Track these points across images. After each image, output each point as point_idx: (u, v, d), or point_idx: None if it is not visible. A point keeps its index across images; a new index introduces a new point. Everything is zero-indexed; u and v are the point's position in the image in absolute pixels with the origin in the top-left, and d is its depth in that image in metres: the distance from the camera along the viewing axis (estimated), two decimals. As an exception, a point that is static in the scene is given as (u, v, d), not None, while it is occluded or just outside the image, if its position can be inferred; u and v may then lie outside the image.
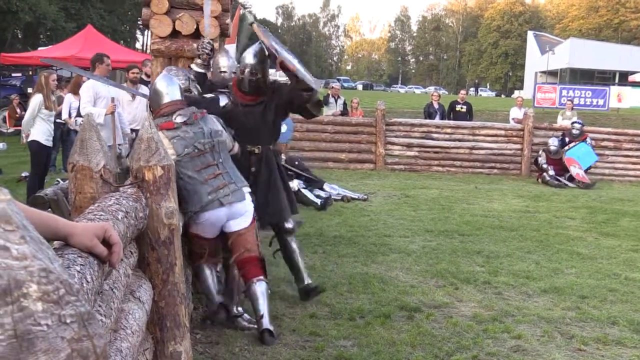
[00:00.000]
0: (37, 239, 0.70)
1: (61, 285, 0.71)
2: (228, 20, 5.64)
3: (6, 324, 0.66)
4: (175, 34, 5.38)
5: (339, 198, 10.36)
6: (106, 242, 1.64)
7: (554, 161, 14.25)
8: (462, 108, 17.01)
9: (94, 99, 8.23)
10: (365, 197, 10.80)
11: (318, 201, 9.69)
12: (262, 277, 4.76)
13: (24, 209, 1.41)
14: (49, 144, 8.96)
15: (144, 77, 11.97)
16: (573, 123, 15.09)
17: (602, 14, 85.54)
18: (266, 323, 4.62)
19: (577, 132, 14.65)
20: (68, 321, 0.71)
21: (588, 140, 14.74)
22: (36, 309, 0.68)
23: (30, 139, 8.99)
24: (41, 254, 0.70)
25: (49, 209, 3.93)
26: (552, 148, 14.38)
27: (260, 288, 4.72)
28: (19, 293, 0.68)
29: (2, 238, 0.67)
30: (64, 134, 13.29)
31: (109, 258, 1.66)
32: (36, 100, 8.94)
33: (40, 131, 8.86)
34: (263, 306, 4.66)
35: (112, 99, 8.28)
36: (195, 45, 5.43)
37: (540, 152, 14.61)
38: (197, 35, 5.44)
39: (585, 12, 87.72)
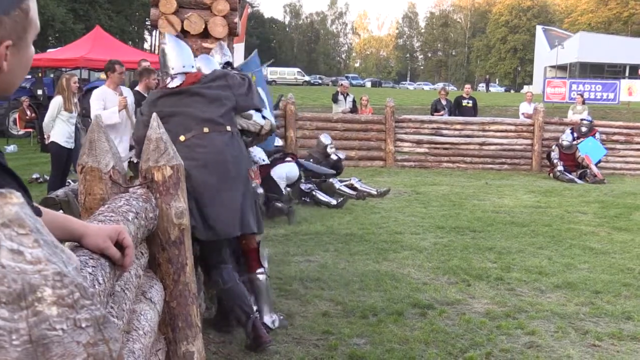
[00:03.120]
0: (51, 243, 0.70)
1: (76, 289, 0.70)
2: (236, 19, 5.63)
3: (21, 329, 0.65)
4: (183, 33, 5.37)
5: (353, 196, 10.36)
6: (119, 245, 1.64)
7: (566, 156, 14.18)
8: (468, 103, 16.96)
9: (103, 107, 8.21)
10: (382, 190, 10.86)
11: (334, 201, 9.70)
12: (263, 271, 4.77)
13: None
14: (69, 145, 8.96)
15: None
16: (582, 120, 15.02)
17: (611, 7, 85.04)
18: (266, 318, 4.65)
19: (586, 129, 14.59)
20: (83, 325, 0.70)
21: (597, 135, 14.66)
22: (51, 314, 0.68)
23: (50, 140, 9.02)
24: (55, 257, 0.69)
25: (60, 210, 3.93)
26: (565, 143, 14.31)
27: (263, 282, 4.75)
28: (34, 297, 0.67)
29: (16, 242, 0.66)
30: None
31: (122, 261, 1.65)
32: (56, 102, 8.94)
33: (60, 133, 8.87)
34: (264, 301, 4.70)
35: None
36: (204, 44, 5.43)
37: (553, 146, 14.54)
38: (205, 34, 5.44)
39: (594, 5, 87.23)
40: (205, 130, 4.29)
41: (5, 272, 0.65)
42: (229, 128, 4.41)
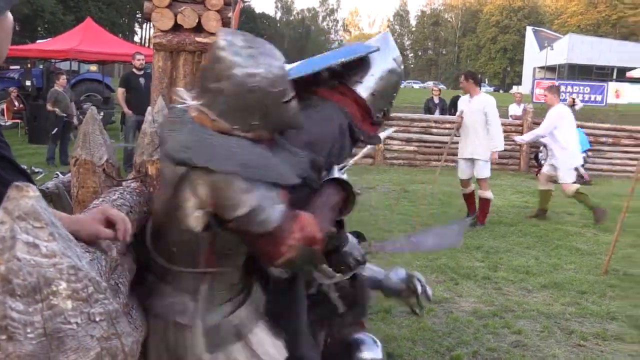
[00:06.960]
0: (65, 236, 0.70)
1: (90, 283, 0.70)
2: (230, 14, 5.62)
3: (36, 322, 0.66)
4: (177, 27, 5.35)
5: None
6: (109, 224, 1.65)
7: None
8: None
9: None
10: (358, 192, 10.96)
11: None
12: None
13: None
14: None
15: (134, 70, 12.08)
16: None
17: (600, 9, 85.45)
18: None
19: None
20: (97, 319, 0.71)
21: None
22: (66, 307, 0.68)
23: None
24: (70, 251, 0.69)
25: (50, 203, 3.91)
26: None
27: None
28: (49, 291, 0.67)
29: (32, 235, 0.66)
30: (65, 129, 13.40)
31: (117, 235, 1.66)
32: None
33: None
34: None
35: None
36: (197, 39, 5.41)
37: (541, 147, 14.58)
38: (199, 29, 5.42)
39: (584, 7, 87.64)
40: None
41: (20, 265, 0.65)
42: None
